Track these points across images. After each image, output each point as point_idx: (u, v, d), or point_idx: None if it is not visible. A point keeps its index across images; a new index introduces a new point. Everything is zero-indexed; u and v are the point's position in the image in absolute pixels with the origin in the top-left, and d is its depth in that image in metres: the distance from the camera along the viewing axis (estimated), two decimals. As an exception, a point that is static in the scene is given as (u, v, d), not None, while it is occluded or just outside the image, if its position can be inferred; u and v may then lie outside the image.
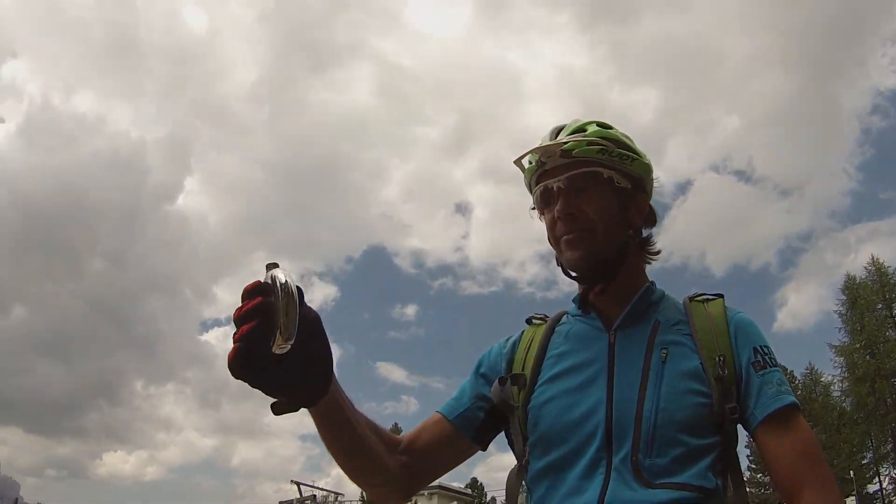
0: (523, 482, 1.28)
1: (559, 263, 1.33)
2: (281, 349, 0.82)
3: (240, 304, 0.84)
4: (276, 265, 0.87)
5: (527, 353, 1.35)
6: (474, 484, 53.62)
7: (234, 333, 0.83)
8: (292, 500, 41.39)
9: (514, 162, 1.37)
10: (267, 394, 0.89)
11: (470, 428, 1.34)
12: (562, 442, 1.21)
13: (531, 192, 1.37)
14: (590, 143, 1.27)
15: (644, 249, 1.36)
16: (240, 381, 0.84)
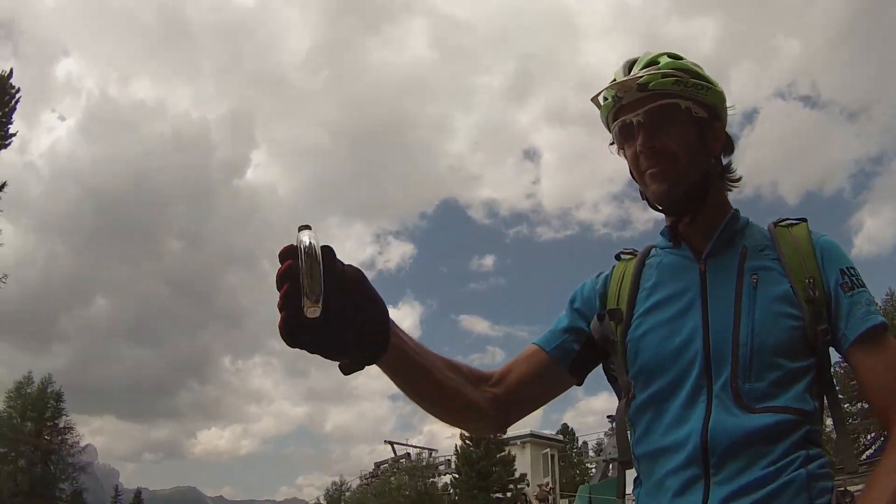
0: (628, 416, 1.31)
1: (644, 197, 1.34)
2: (312, 312, 0.81)
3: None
4: (307, 227, 0.84)
5: (620, 287, 1.38)
6: (565, 430, 54.20)
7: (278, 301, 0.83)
8: (387, 459, 43.00)
9: (591, 99, 1.37)
10: (327, 358, 0.89)
11: (567, 359, 1.37)
12: (663, 373, 1.23)
13: (609, 128, 1.37)
14: (664, 76, 1.27)
15: (725, 177, 1.36)
16: (297, 349, 0.85)
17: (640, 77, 1.27)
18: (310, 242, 0.82)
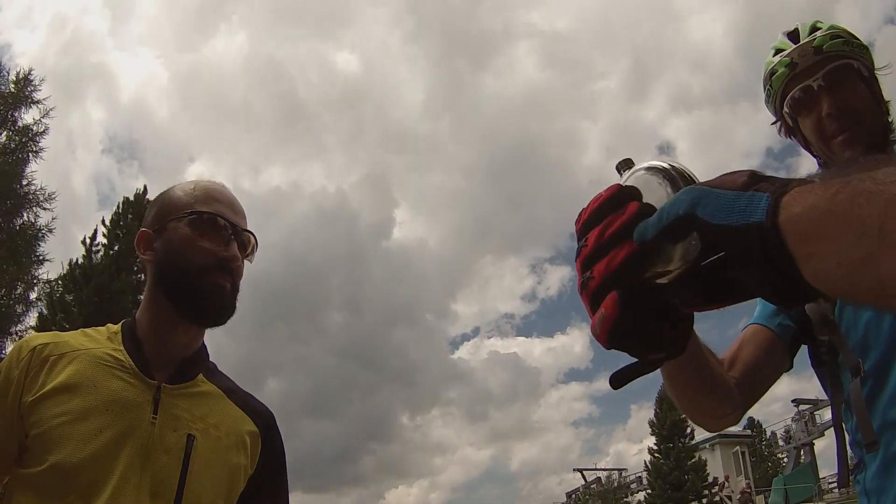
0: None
1: (825, 166, 1.32)
2: (666, 276, 0.53)
3: (584, 235, 0.57)
4: (628, 162, 0.62)
5: None
6: (752, 423, 52.04)
7: (590, 280, 0.55)
8: (578, 487, 42.65)
9: (767, 78, 1.36)
10: (644, 352, 0.57)
11: (787, 336, 1.27)
12: (877, 345, 1.16)
13: (774, 103, 1.37)
14: (833, 37, 1.29)
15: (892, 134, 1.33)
16: (613, 349, 0.56)
17: (815, 39, 1.28)
18: (672, 166, 0.56)
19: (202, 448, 1.19)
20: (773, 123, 1.40)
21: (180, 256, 1.25)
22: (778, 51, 1.35)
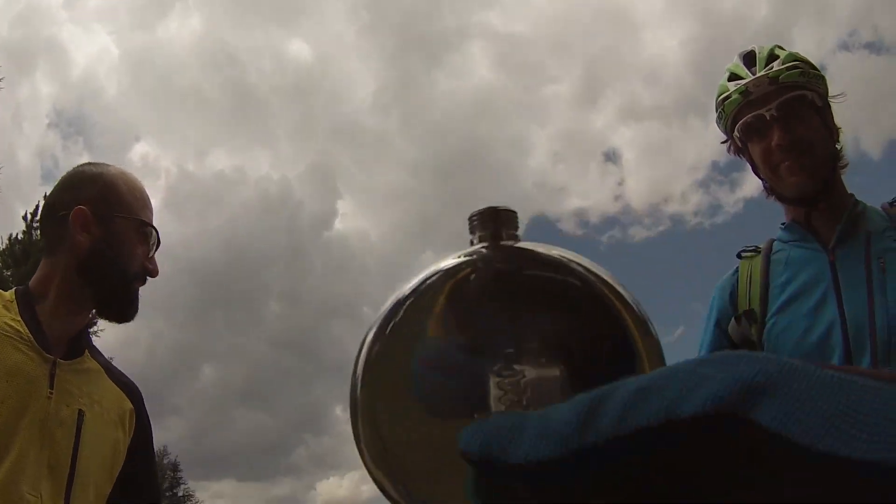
0: None
1: (771, 193, 1.37)
2: None
3: None
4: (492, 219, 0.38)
5: (749, 287, 1.36)
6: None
7: None
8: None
9: (720, 102, 1.37)
10: None
11: None
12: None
13: (727, 125, 1.39)
14: (790, 68, 1.30)
15: (838, 162, 1.36)
16: None
17: (771, 70, 1.29)
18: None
19: (90, 423, 1.23)
20: (722, 142, 1.43)
21: (121, 258, 1.29)
22: (733, 74, 1.36)
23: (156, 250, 1.35)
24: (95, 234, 1.28)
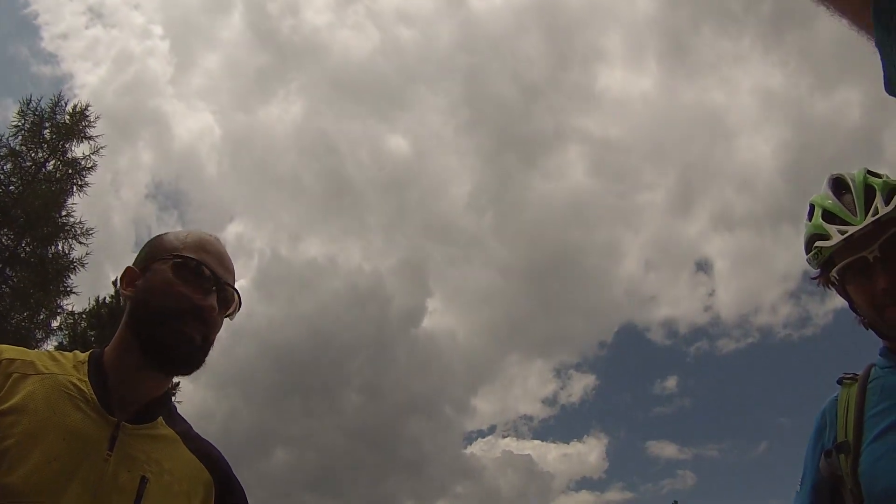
0: None
1: (871, 327, 1.37)
2: None
3: None
4: None
5: (846, 416, 1.35)
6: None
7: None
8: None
9: (814, 250, 1.37)
10: None
11: None
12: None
13: (821, 260, 1.38)
14: (888, 200, 1.28)
15: None
16: None
17: (880, 216, 1.27)
18: None
19: (154, 491, 1.17)
20: (813, 278, 1.41)
21: (156, 298, 1.24)
22: (828, 213, 1.33)
23: (219, 292, 1.27)
24: (138, 287, 1.27)
